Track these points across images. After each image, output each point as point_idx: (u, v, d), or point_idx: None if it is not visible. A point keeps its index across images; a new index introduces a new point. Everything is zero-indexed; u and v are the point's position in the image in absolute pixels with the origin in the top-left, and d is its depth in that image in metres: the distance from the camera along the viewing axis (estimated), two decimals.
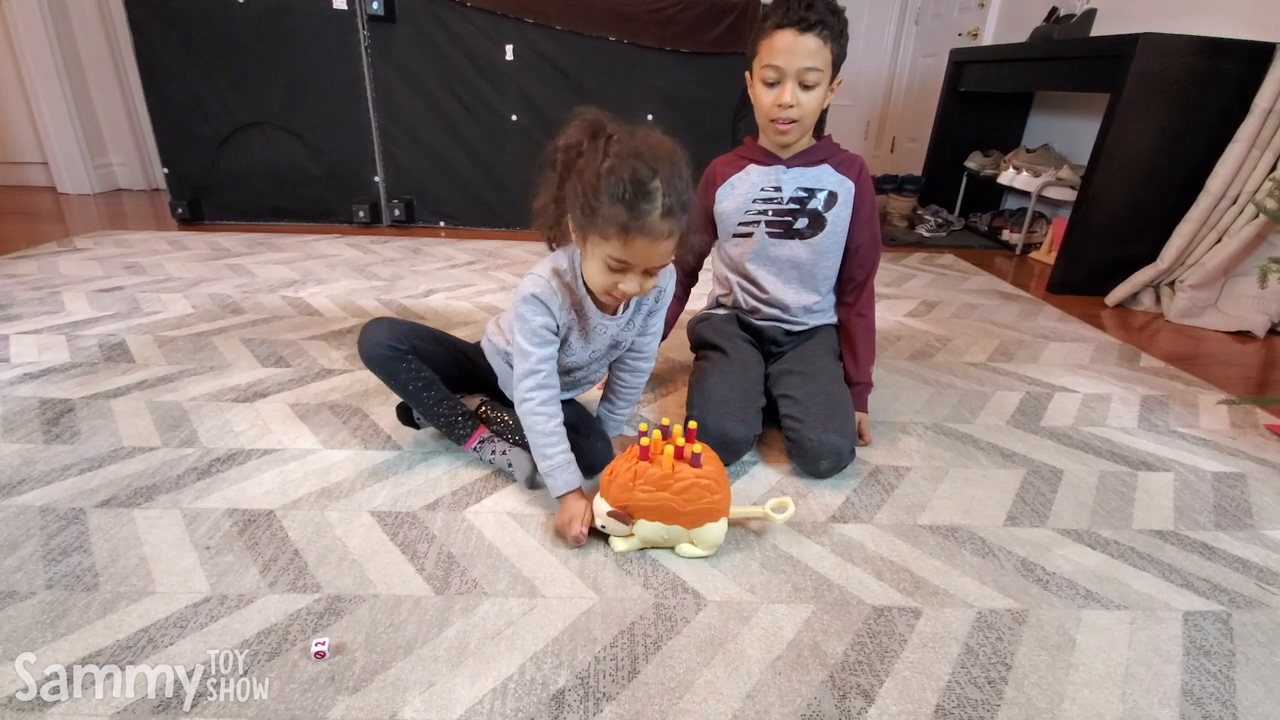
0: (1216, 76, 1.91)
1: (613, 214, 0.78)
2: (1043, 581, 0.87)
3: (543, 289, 0.90)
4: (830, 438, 1.03)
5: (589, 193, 0.79)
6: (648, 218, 0.78)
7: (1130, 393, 1.45)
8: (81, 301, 1.70)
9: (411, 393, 1.00)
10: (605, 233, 0.80)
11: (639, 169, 0.77)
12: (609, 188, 0.77)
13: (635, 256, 0.81)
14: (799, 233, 1.16)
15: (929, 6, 3.81)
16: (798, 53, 1.02)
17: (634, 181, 0.76)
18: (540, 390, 0.92)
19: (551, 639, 0.74)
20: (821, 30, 1.01)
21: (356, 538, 0.88)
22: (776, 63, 1.04)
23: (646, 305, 1.00)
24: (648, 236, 0.79)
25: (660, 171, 0.78)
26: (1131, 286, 2.05)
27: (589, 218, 0.80)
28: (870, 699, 0.69)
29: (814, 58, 1.03)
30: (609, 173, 0.77)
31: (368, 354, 0.97)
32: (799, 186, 1.15)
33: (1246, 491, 1.10)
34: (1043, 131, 2.89)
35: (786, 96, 1.05)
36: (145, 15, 2.34)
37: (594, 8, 2.44)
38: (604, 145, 0.80)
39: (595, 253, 0.84)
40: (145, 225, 2.59)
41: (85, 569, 0.81)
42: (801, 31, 1.01)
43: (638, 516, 0.85)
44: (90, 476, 0.99)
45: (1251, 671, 0.75)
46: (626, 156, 0.78)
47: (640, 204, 0.77)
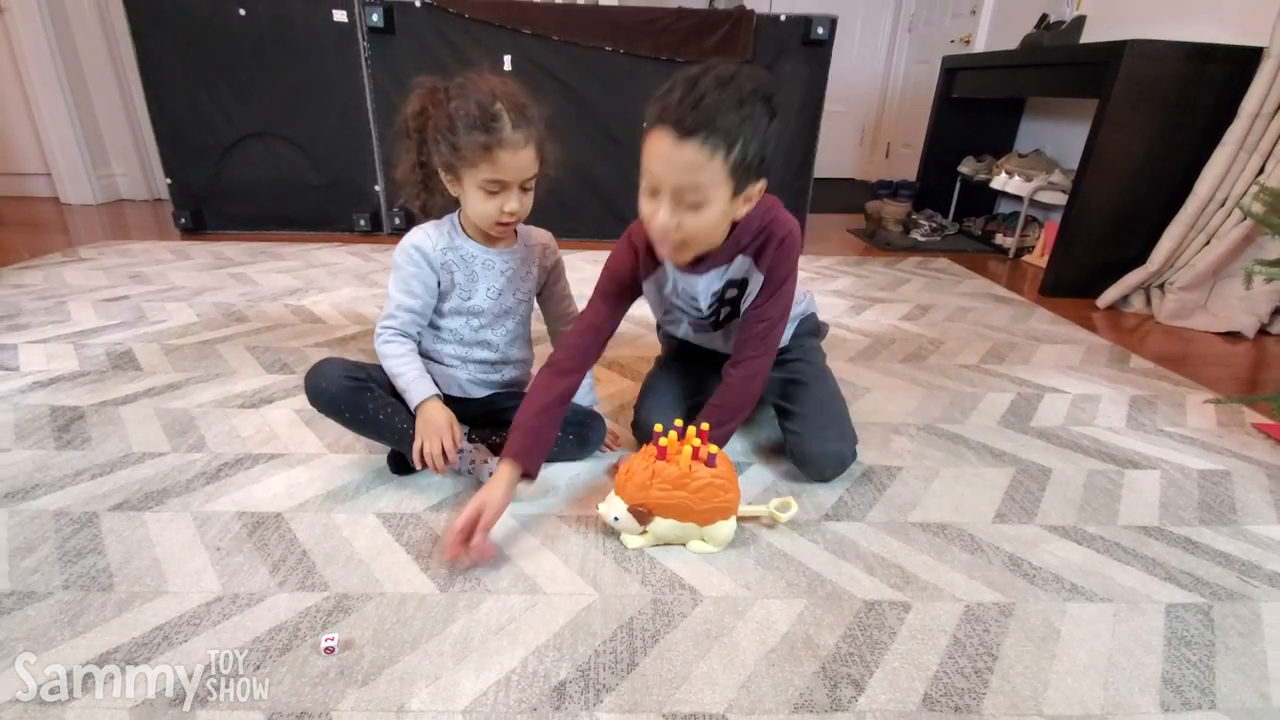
0: (1204, 81, 1.94)
1: (472, 141, 0.88)
2: (1029, 576, 0.89)
3: (419, 238, 1.00)
4: (829, 446, 1.06)
5: (448, 134, 0.89)
6: (502, 132, 0.88)
7: (1119, 393, 1.47)
8: (88, 311, 1.73)
9: (383, 422, 0.97)
10: (473, 160, 0.89)
11: (480, 98, 0.88)
12: (462, 122, 0.88)
13: (505, 171, 0.90)
14: (725, 322, 1.08)
15: (922, 14, 3.86)
16: (674, 164, 0.78)
17: (479, 107, 0.88)
18: (397, 337, 1.01)
19: (553, 633, 0.76)
20: (709, 138, 0.76)
21: (363, 538, 0.91)
22: (650, 168, 0.81)
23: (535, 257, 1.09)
24: (509, 148, 0.89)
25: (498, 95, 0.89)
26: (1122, 289, 2.08)
27: (455, 154, 0.90)
28: (860, 688, 0.71)
29: (693, 173, 0.78)
30: (457, 111, 0.88)
31: (330, 391, 0.95)
32: (713, 292, 1.00)
33: (1231, 488, 1.13)
34: (1034, 136, 2.93)
35: (662, 217, 0.82)
36: (148, 27, 2.37)
37: (590, 19, 2.48)
38: (444, 97, 0.91)
39: (470, 185, 0.93)
40: (148, 235, 2.62)
41: (100, 570, 0.83)
42: (681, 137, 0.76)
43: (654, 514, 0.88)
44: (102, 481, 1.01)
45: (1231, 660, 0.77)
46: (467, 94, 0.89)
47: (491, 124, 0.88)
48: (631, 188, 1.09)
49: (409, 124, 0.95)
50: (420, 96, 0.94)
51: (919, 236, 2.91)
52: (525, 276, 1.08)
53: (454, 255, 1.01)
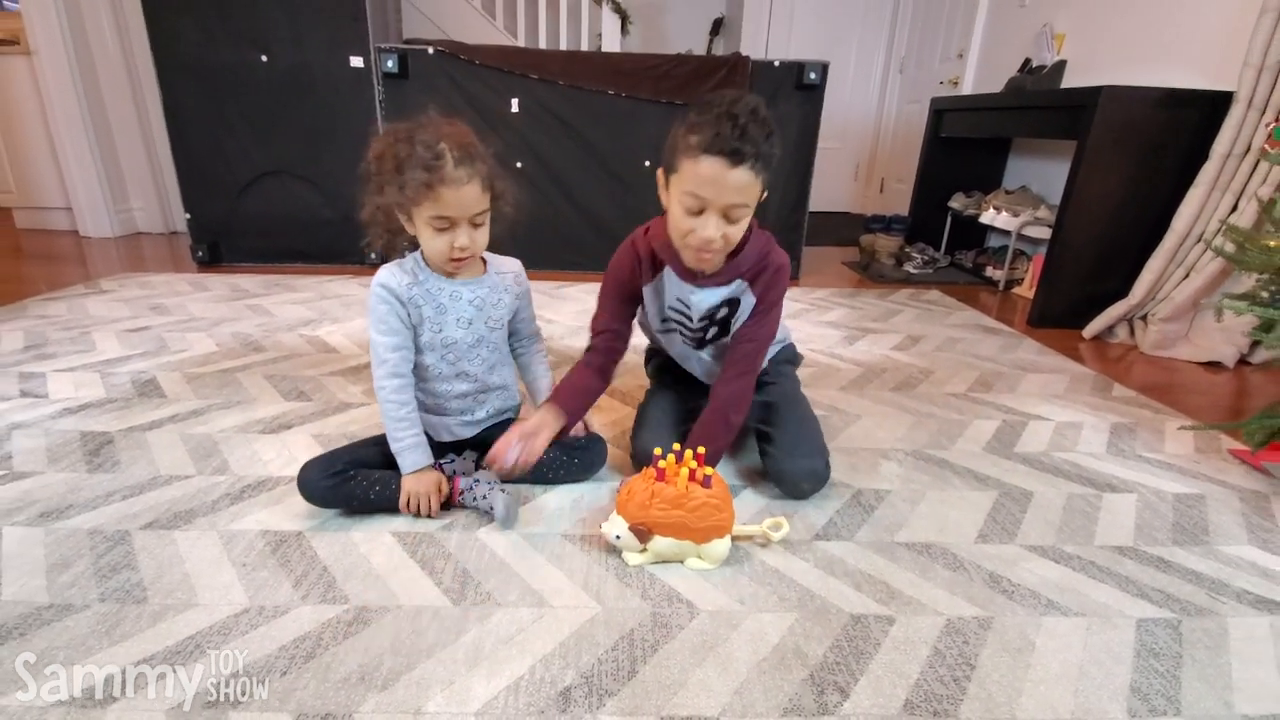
0: (1177, 124, 2.04)
1: (415, 179, 0.93)
2: (1008, 592, 0.95)
3: (384, 277, 1.03)
4: (801, 462, 1.13)
5: (395, 175, 0.94)
6: (443, 170, 0.93)
7: (1101, 420, 1.54)
8: (112, 340, 1.80)
9: (374, 500, 1.04)
10: (417, 198, 0.94)
11: (424, 139, 0.93)
12: (408, 162, 0.93)
13: (449, 207, 0.95)
14: (711, 341, 1.17)
15: (912, 56, 4.02)
16: (725, 187, 0.91)
17: (424, 147, 0.93)
18: (392, 379, 1.05)
19: (559, 643, 0.82)
20: (754, 163, 0.91)
21: (379, 555, 0.97)
22: (701, 193, 0.93)
23: (505, 285, 1.13)
24: (451, 185, 0.93)
25: (443, 137, 0.94)
26: (1106, 320, 2.16)
27: (404, 194, 0.94)
28: (846, 694, 0.76)
29: (742, 193, 0.93)
30: (404, 153, 0.93)
31: (316, 496, 1.03)
32: (708, 306, 1.11)
33: (1205, 511, 1.18)
34: (1021, 173, 3.04)
35: (711, 231, 0.95)
36: (174, 73, 2.50)
37: (594, 65, 2.62)
38: (397, 141, 0.95)
39: (420, 223, 0.98)
40: (165, 267, 2.72)
41: (134, 584, 0.89)
42: (733, 165, 0.90)
43: (654, 533, 0.94)
44: (132, 502, 1.07)
45: (1197, 671, 0.82)
46: (413, 137, 0.94)
47: (434, 162, 0.92)
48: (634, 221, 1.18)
49: (370, 169, 0.99)
50: (379, 142, 0.98)
51: (911, 269, 3.00)
52: (496, 304, 1.11)
53: (419, 290, 1.04)
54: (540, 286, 2.58)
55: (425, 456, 1.06)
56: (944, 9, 3.66)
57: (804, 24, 4.26)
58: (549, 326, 2.08)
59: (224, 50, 2.48)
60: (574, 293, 2.52)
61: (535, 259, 2.82)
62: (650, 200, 3.35)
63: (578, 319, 2.18)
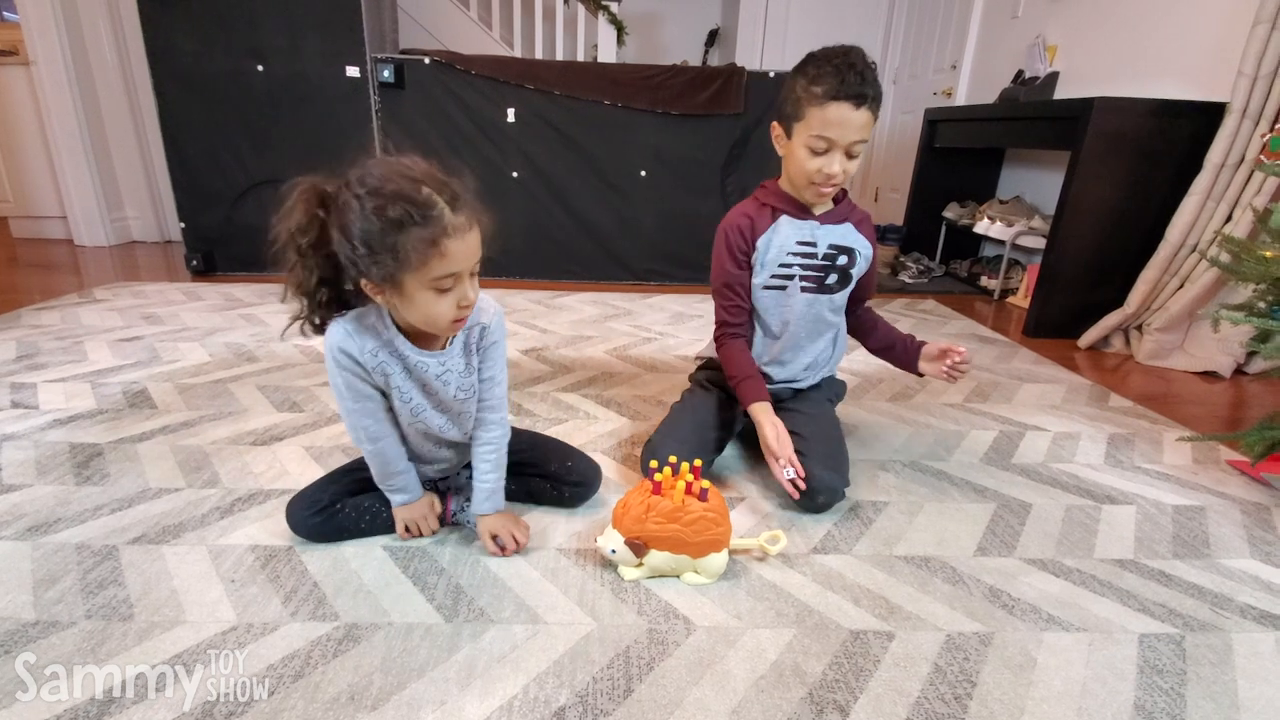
0: (1171, 134, 2.05)
1: (414, 239, 0.76)
2: (1008, 607, 0.93)
3: (341, 339, 0.87)
4: (831, 476, 1.12)
5: (377, 246, 0.76)
6: (444, 220, 0.77)
7: (1099, 431, 1.53)
8: (104, 350, 1.79)
9: (365, 528, 1.01)
10: (422, 260, 0.78)
11: (401, 188, 0.76)
12: (394, 225, 0.75)
13: (457, 261, 0.80)
14: (829, 287, 1.21)
15: (906, 68, 4.04)
16: (851, 127, 1.04)
17: (407, 201, 0.76)
18: (373, 443, 0.94)
19: (553, 661, 0.80)
20: (873, 104, 1.04)
21: (371, 571, 0.95)
22: (829, 135, 1.05)
23: (474, 341, 0.95)
24: (456, 236, 0.79)
25: (419, 180, 0.78)
26: (1102, 330, 2.16)
27: (395, 262, 0.77)
28: (845, 713, 0.75)
29: (863, 131, 1.05)
30: (378, 214, 0.75)
31: (305, 533, 0.99)
32: (831, 244, 1.19)
33: (1205, 523, 1.18)
34: (1015, 183, 3.05)
35: (835, 168, 1.07)
36: (170, 82, 2.50)
37: (591, 75, 2.62)
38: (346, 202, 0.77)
39: (418, 288, 0.80)
40: (159, 276, 2.70)
41: (121, 600, 0.87)
42: (857, 106, 1.03)
43: (650, 547, 0.92)
44: (121, 516, 1.06)
45: (1202, 689, 0.81)
46: (381, 189, 0.76)
47: (429, 213, 0.76)
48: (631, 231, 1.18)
49: (298, 242, 0.80)
50: (303, 207, 0.79)
51: (907, 279, 3.00)
52: (467, 371, 0.96)
53: (387, 354, 0.89)
54: (536, 296, 2.58)
55: (416, 490, 1.00)
56: (937, 21, 3.69)
57: (798, 35, 4.28)
58: (544, 336, 2.07)
59: (220, 60, 2.48)
60: (570, 302, 2.51)
61: (531, 268, 2.85)
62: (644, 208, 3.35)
63: (574, 329, 2.17)
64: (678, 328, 2.22)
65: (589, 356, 1.91)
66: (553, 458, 1.12)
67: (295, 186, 0.80)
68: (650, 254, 2.82)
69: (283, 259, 0.82)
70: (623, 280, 2.84)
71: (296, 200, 0.80)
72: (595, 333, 2.13)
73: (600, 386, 1.69)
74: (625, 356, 1.92)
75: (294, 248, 0.81)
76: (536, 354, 1.91)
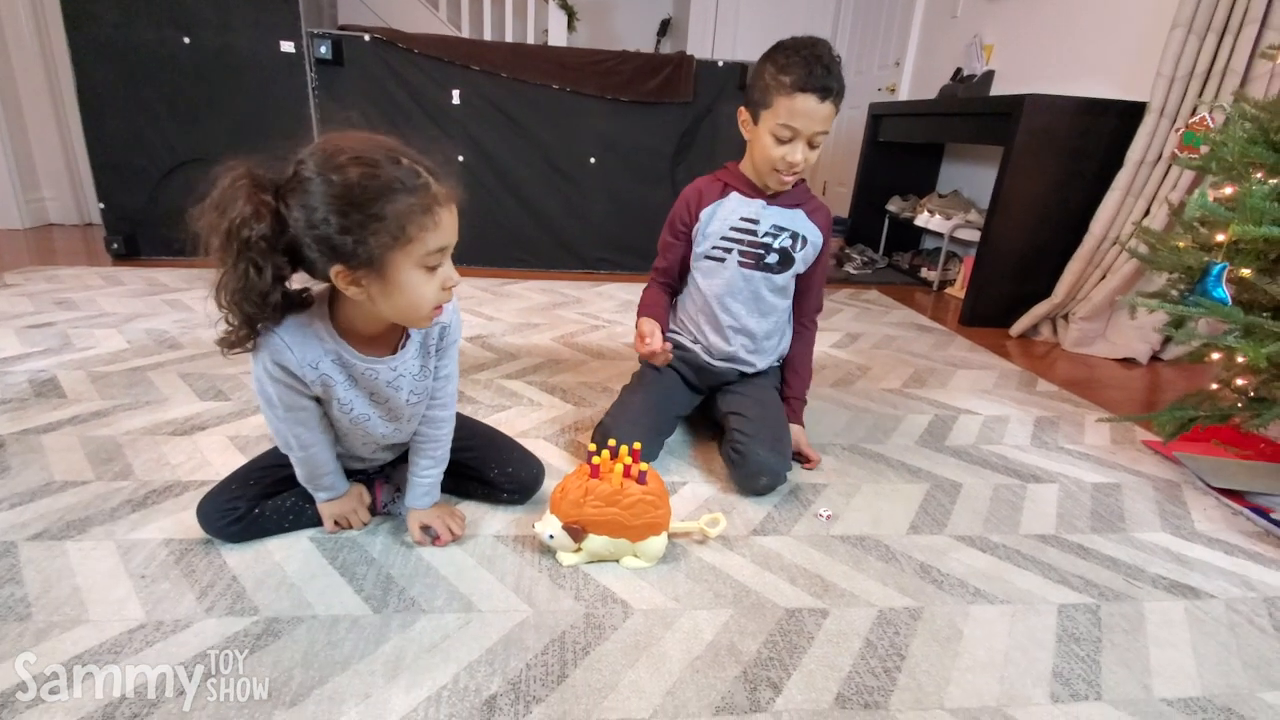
0: (1095, 131, 2.15)
1: (406, 207, 0.69)
2: (938, 582, 0.96)
3: (278, 351, 0.79)
4: (774, 459, 1.13)
5: (355, 228, 0.69)
6: (433, 188, 0.72)
7: (1026, 414, 1.59)
8: (10, 338, 1.66)
9: (289, 527, 0.96)
10: (416, 230, 0.71)
11: (377, 157, 0.70)
12: (383, 191, 0.69)
13: (450, 233, 0.75)
14: (769, 266, 1.23)
15: (852, 63, 4.12)
16: (815, 118, 1.08)
17: (395, 166, 0.70)
18: (302, 450, 0.88)
19: (486, 649, 0.78)
20: (836, 98, 1.09)
21: (295, 562, 0.91)
22: (794, 124, 1.09)
23: (433, 342, 0.90)
24: (447, 205, 0.74)
25: (396, 150, 0.73)
26: (1031, 319, 2.25)
27: (377, 242, 0.70)
28: (778, 690, 0.75)
29: (826, 123, 1.10)
30: (357, 188, 0.68)
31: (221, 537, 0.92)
32: (774, 224, 1.22)
33: (1121, 499, 1.24)
34: (954, 178, 3.15)
35: (798, 157, 1.12)
36: (89, 54, 2.33)
37: (538, 58, 2.57)
38: (306, 181, 0.69)
39: (405, 268, 0.73)
40: (78, 261, 2.53)
41: (17, 600, 0.81)
42: (822, 99, 1.07)
43: (588, 531, 0.91)
44: (21, 510, 0.98)
45: (1116, 655, 0.85)
46: (362, 156, 0.69)
47: (415, 182, 0.70)
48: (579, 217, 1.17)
49: (241, 234, 0.69)
50: (246, 193, 0.69)
51: (851, 270, 3.06)
52: (422, 375, 0.90)
53: (330, 365, 0.82)
54: (483, 283, 2.52)
55: (342, 484, 0.96)
56: (881, 18, 3.77)
57: (749, 27, 4.31)
58: (489, 324, 2.03)
59: (143, 30, 2.32)
60: (518, 290, 2.47)
61: (478, 255, 2.78)
62: (594, 196, 3.31)
63: (521, 316, 2.14)
64: (627, 315, 2.21)
65: (535, 344, 1.88)
66: (492, 461, 1.05)
67: (228, 171, 0.70)
68: (600, 242, 2.79)
69: (218, 257, 0.70)
70: (573, 268, 2.81)
71: (233, 187, 0.69)
72: (543, 320, 2.10)
73: (546, 373, 1.66)
74: (572, 344, 1.90)
75: (239, 242, 0.69)
76: (482, 341, 1.87)
